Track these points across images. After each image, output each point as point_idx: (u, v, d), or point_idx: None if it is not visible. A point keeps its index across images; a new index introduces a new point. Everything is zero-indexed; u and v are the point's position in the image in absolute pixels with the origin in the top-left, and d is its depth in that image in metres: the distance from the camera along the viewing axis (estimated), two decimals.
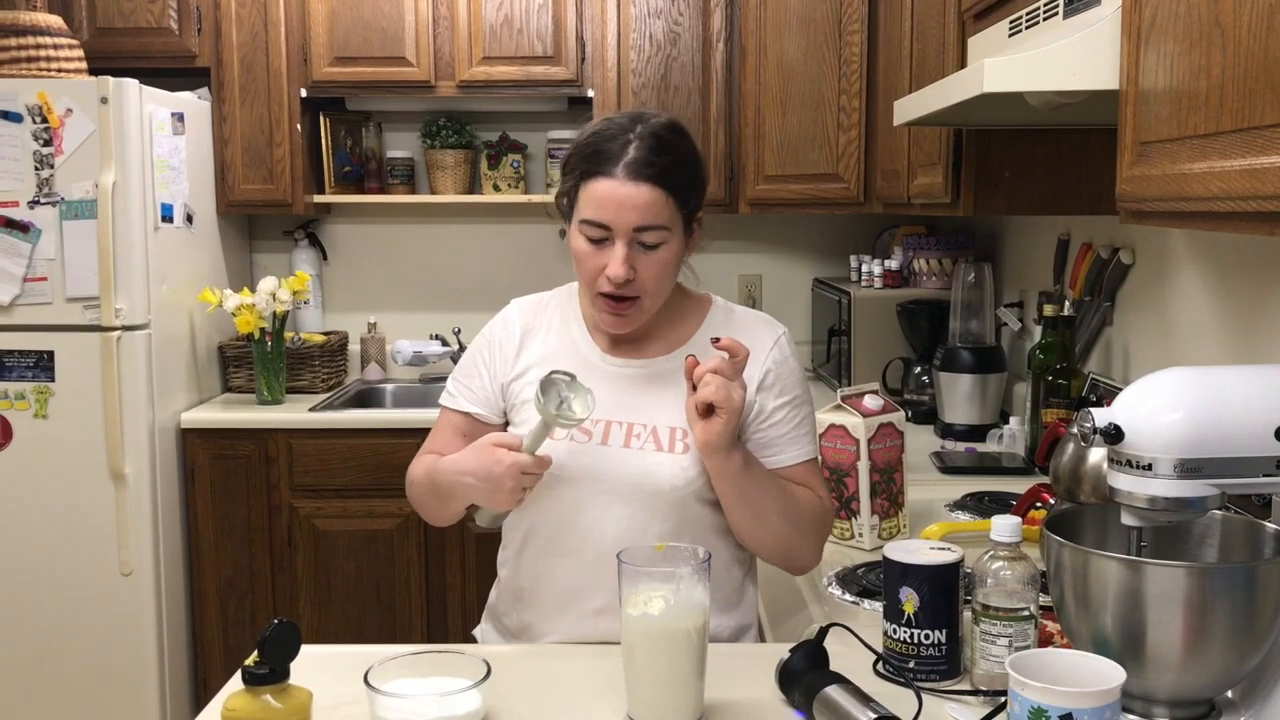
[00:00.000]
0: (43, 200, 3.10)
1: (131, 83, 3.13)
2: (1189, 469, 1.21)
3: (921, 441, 2.88)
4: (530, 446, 1.55)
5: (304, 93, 3.58)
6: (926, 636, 1.41)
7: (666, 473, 1.63)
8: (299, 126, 3.59)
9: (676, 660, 1.31)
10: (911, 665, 1.42)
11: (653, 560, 1.36)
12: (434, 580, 3.40)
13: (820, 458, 2.07)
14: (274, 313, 3.48)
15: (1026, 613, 1.37)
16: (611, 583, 1.61)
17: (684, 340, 1.71)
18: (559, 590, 1.68)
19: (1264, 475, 1.21)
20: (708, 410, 1.53)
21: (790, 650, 1.39)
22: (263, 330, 3.46)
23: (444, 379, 1.88)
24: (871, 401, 2.05)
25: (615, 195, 1.57)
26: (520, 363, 1.73)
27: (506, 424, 1.75)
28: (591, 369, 1.69)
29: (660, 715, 1.33)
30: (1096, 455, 1.77)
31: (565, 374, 1.56)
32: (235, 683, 1.26)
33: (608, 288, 1.61)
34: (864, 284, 3.53)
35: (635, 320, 1.65)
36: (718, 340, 1.56)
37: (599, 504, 1.64)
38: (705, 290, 1.80)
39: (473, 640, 1.83)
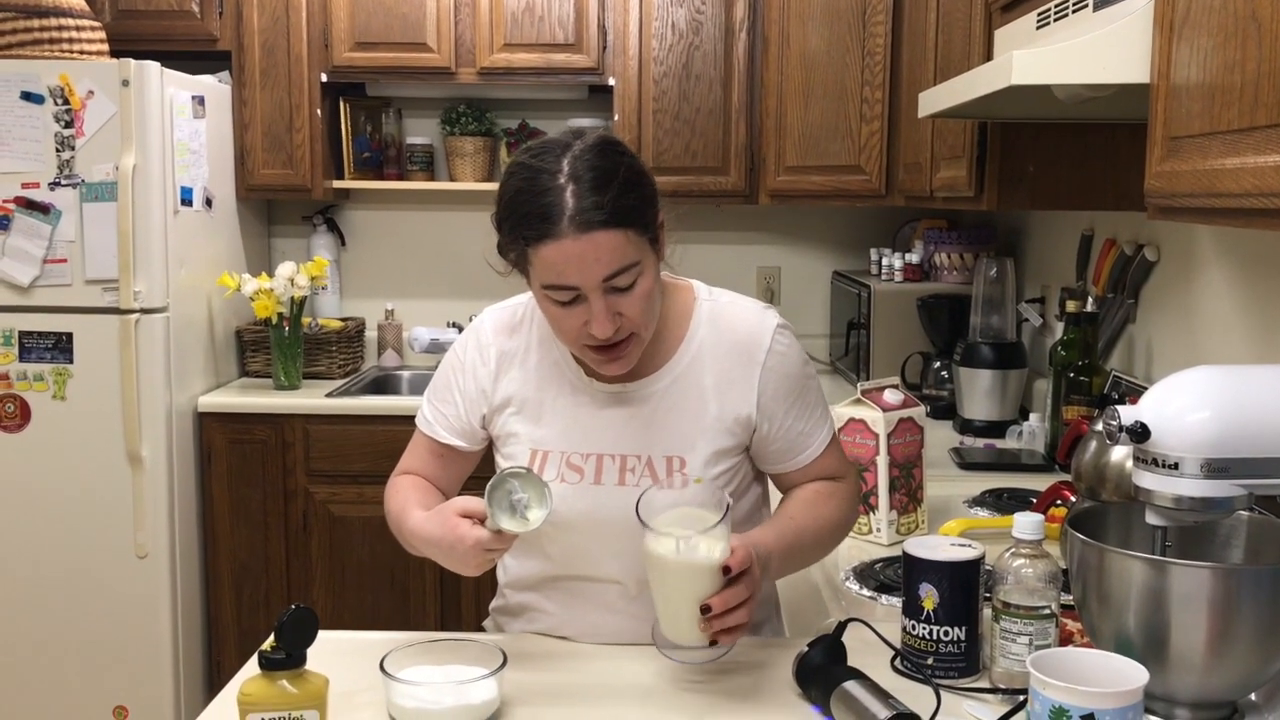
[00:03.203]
0: (63, 182, 3.10)
1: (153, 65, 3.13)
2: (1216, 469, 1.19)
3: (940, 437, 2.86)
4: (494, 524, 1.40)
5: (324, 78, 3.58)
6: (946, 633, 1.40)
7: None
8: (319, 112, 3.58)
9: (695, 587, 1.35)
10: (930, 662, 1.41)
11: (678, 498, 1.41)
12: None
13: None
14: (292, 298, 3.48)
15: (1047, 611, 1.36)
16: (614, 611, 1.59)
17: (672, 350, 1.58)
18: (561, 624, 1.63)
19: None
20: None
21: (808, 645, 1.38)
22: (280, 315, 3.46)
23: None
24: (891, 396, 2.04)
25: (570, 255, 1.40)
26: (499, 394, 1.61)
27: (491, 443, 1.66)
28: (577, 393, 1.58)
29: (682, 633, 1.38)
30: (1119, 453, 1.75)
31: (519, 469, 1.43)
32: (251, 667, 1.25)
33: (594, 343, 1.47)
34: (884, 277, 3.51)
35: (634, 356, 1.52)
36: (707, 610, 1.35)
37: (598, 546, 1.55)
38: (684, 277, 1.65)
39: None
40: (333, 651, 1.34)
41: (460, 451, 1.66)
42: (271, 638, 1.20)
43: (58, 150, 3.09)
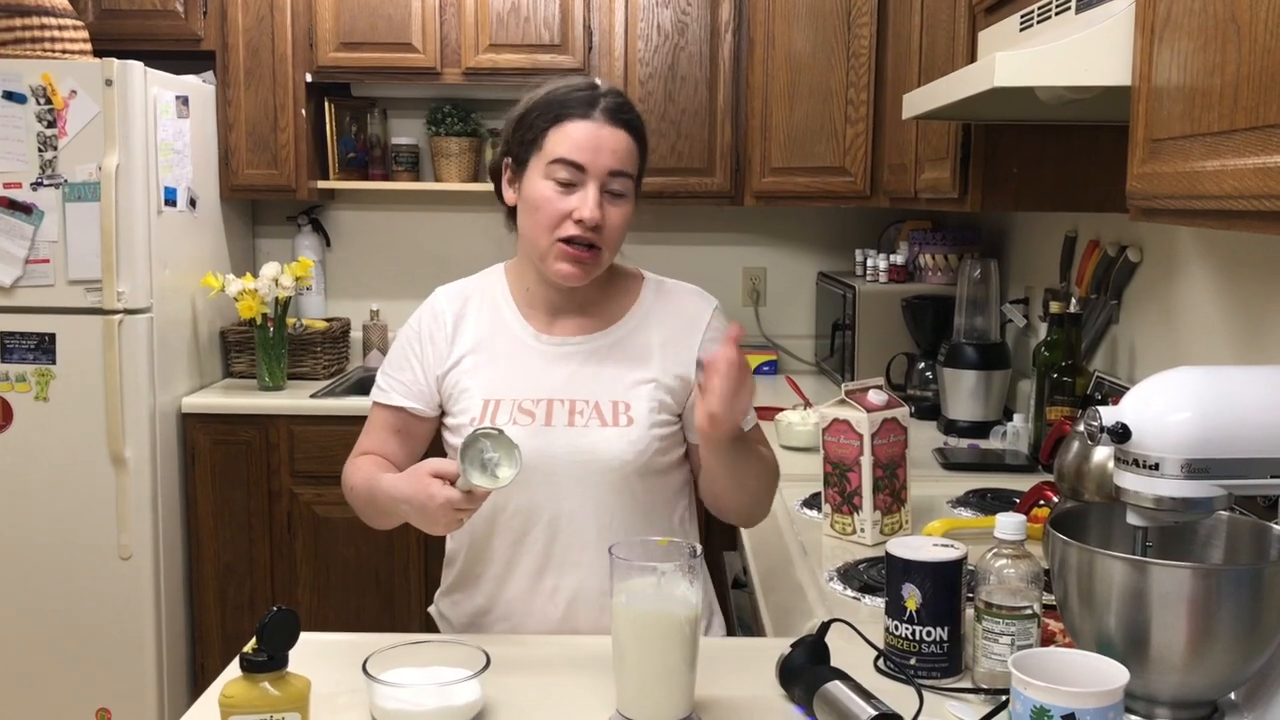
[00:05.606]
0: (46, 182, 3.09)
1: (136, 65, 3.12)
2: (1196, 469, 1.20)
3: (924, 437, 2.87)
4: (465, 483, 1.45)
5: (309, 78, 3.57)
6: (928, 634, 1.41)
7: (615, 448, 1.63)
8: (304, 112, 3.57)
9: (666, 652, 1.29)
10: (913, 662, 1.42)
11: (646, 553, 1.35)
12: (433, 569, 3.37)
13: (823, 451, 2.06)
14: (276, 298, 3.47)
15: (1029, 611, 1.36)
16: (565, 564, 1.66)
17: (618, 316, 1.71)
18: (514, 574, 1.68)
19: (1271, 476, 1.20)
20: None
21: (791, 646, 1.38)
22: (265, 316, 3.45)
23: None
24: (875, 396, 2.04)
25: (594, 136, 1.59)
26: (455, 352, 1.71)
27: (443, 413, 1.73)
28: (528, 350, 1.69)
29: (649, 709, 1.30)
30: (1102, 454, 1.76)
31: (491, 429, 1.46)
32: (233, 669, 1.25)
33: (574, 231, 1.59)
34: (869, 278, 3.52)
35: (593, 272, 1.64)
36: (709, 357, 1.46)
37: (549, 485, 1.63)
38: (635, 265, 1.80)
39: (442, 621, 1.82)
40: (315, 653, 1.34)
41: (416, 418, 1.72)
42: (253, 640, 1.20)
43: (40, 150, 3.08)
